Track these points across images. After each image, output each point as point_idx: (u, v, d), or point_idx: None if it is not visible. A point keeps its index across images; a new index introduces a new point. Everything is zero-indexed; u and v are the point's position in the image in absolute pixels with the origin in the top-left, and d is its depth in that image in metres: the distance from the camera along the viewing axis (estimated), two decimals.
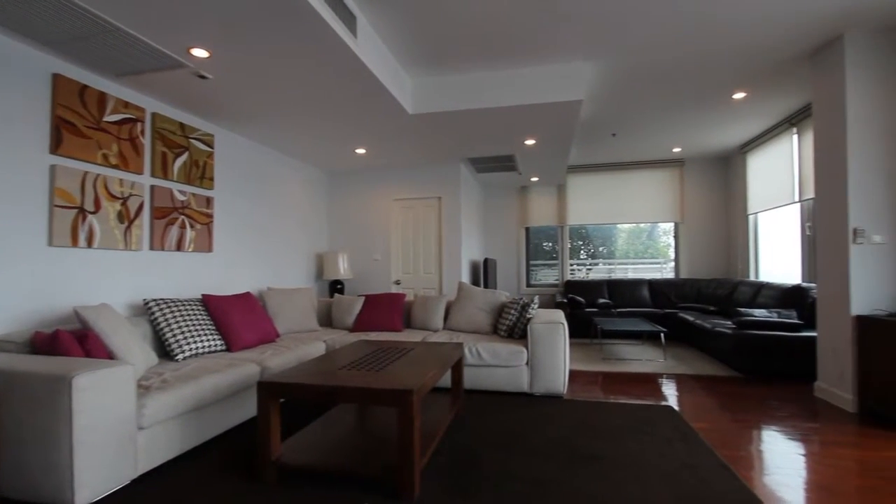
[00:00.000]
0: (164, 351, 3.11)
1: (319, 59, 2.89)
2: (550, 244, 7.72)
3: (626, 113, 4.72)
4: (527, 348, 3.49)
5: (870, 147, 3.10)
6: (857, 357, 3.09)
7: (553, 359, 3.42)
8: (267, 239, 4.97)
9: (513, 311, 3.83)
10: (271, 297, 4.24)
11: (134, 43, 2.65)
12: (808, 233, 4.74)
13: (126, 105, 3.27)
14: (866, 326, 3.00)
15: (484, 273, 6.23)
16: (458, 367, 3.06)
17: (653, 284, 6.62)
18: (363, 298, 4.54)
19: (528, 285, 7.65)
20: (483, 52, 3.39)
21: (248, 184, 4.68)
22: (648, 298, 6.54)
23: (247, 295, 3.75)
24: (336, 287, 5.80)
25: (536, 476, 2.17)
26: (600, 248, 7.71)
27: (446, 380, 3.61)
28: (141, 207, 3.40)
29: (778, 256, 5.50)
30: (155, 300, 3.12)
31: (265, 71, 3.06)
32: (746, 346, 4.07)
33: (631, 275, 7.33)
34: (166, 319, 3.05)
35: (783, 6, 2.81)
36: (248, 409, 2.93)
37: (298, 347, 3.48)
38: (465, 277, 6.10)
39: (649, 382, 3.92)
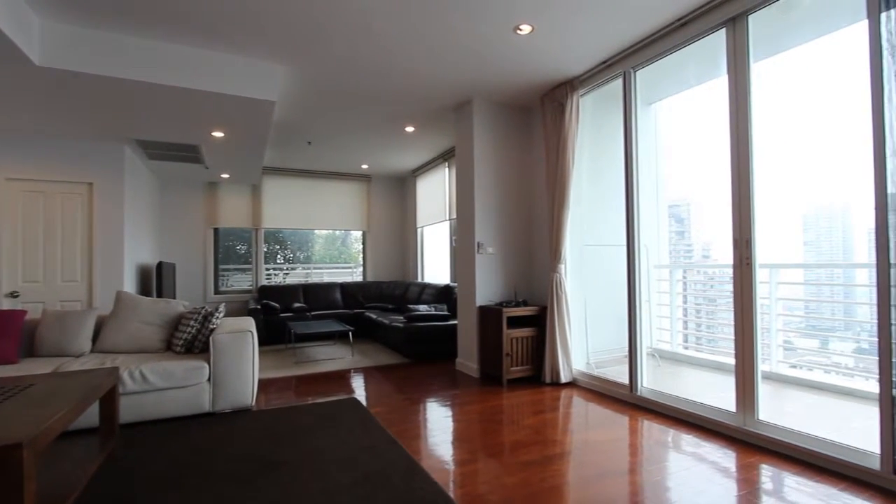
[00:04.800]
0: None
1: None
2: (245, 247, 7.22)
3: (321, 124, 4.95)
4: (209, 363, 3.14)
5: (487, 182, 4.32)
6: (479, 336, 4.23)
7: (240, 371, 3.20)
8: None
9: (192, 323, 3.37)
10: None
11: None
12: (453, 244, 6.18)
13: None
14: (483, 313, 4.15)
15: (158, 280, 5.23)
16: (110, 398, 2.46)
17: (344, 287, 7.14)
18: None
19: (217, 292, 6.91)
20: (160, 15, 2.87)
21: None
22: (341, 300, 7.01)
23: None
24: None
25: (212, 501, 1.98)
26: (297, 253, 7.76)
27: (94, 417, 2.83)
28: None
29: (436, 262, 6.94)
30: None
31: None
32: (414, 335, 4.92)
33: (327, 278, 7.69)
34: None
35: (435, 71, 3.59)
36: None
37: None
38: (131, 286, 4.97)
39: (339, 379, 4.20)
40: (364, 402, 3.45)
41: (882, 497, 2.00)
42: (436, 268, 6.94)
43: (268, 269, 7.34)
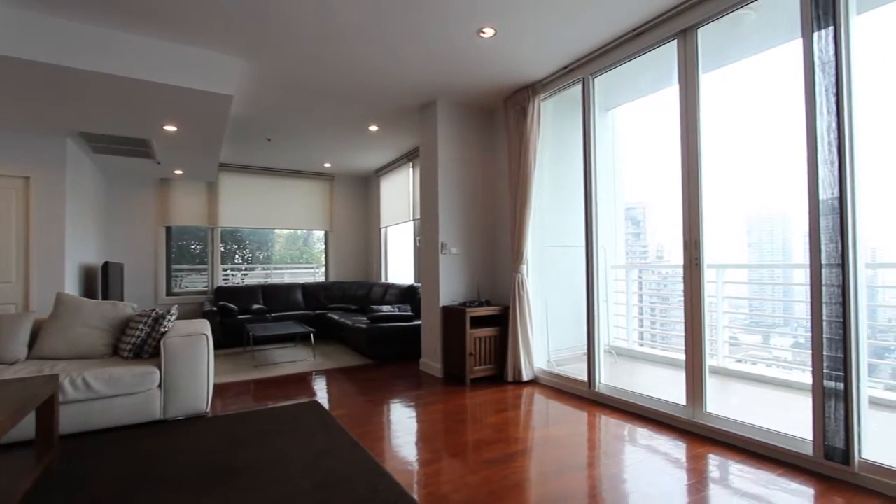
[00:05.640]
0: None
1: None
2: (200, 246, 6.93)
3: (282, 121, 4.83)
4: (160, 368, 3.00)
5: (451, 183, 4.34)
6: (443, 336, 4.24)
7: (194, 375, 3.07)
8: None
9: (141, 326, 3.20)
10: None
11: None
12: (417, 244, 6.17)
13: None
14: (447, 313, 4.17)
15: (104, 281, 4.93)
16: (48, 408, 2.30)
17: (306, 288, 6.98)
18: None
19: (170, 294, 6.59)
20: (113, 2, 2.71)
21: None
22: (302, 301, 6.85)
23: None
24: None
25: None
26: (257, 253, 7.52)
27: (30, 429, 2.64)
28: None
29: (400, 262, 6.90)
30: None
31: None
32: (377, 336, 4.88)
33: (288, 279, 7.48)
34: None
35: (400, 71, 3.57)
36: None
37: None
38: (73, 287, 4.67)
39: (300, 382, 4.10)
40: (326, 405, 3.39)
41: (814, 480, 2.16)
42: (399, 268, 6.90)
43: (225, 270, 7.07)
